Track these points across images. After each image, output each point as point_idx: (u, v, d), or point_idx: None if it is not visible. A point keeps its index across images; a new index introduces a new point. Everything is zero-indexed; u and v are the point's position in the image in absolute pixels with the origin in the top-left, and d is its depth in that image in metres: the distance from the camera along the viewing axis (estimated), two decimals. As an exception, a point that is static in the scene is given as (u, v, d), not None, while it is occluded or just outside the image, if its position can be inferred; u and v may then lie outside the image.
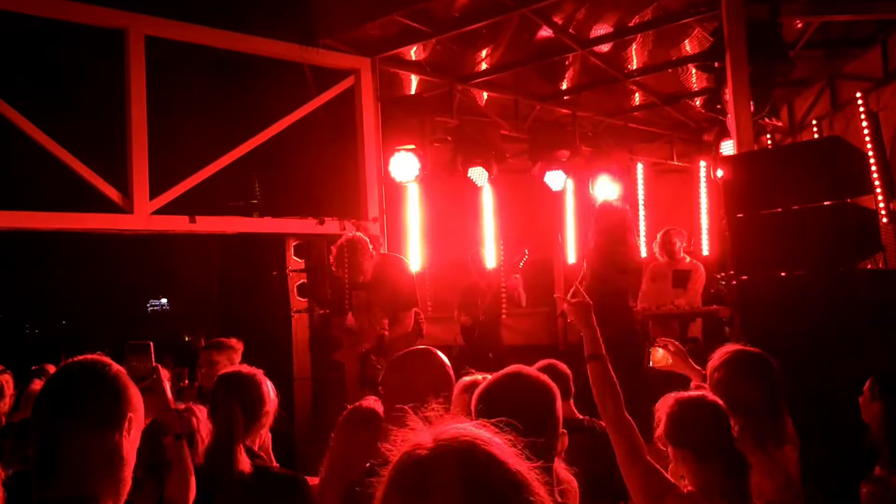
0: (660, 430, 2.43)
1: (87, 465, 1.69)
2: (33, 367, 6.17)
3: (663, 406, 2.44)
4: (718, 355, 2.91)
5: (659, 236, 7.85)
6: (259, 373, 2.91)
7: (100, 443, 1.73)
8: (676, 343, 3.50)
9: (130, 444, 1.79)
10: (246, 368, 2.93)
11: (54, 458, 1.69)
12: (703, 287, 7.57)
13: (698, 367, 3.28)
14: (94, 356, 1.88)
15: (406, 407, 1.22)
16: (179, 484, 2.27)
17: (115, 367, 1.86)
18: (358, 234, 5.61)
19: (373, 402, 3.23)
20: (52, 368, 6.23)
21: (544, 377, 2.10)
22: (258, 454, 2.87)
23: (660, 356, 3.49)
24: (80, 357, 1.87)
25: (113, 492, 1.74)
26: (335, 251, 5.41)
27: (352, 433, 3.03)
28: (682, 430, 2.36)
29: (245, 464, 2.70)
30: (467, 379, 2.62)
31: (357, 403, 3.25)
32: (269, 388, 2.89)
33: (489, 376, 2.52)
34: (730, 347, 2.92)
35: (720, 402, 2.42)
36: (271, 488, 2.78)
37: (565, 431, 2.10)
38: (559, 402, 2.08)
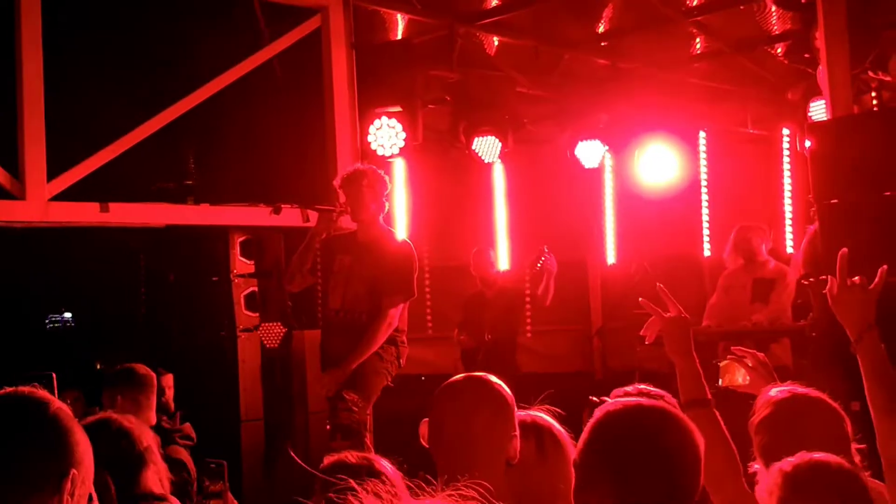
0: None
1: None
2: None
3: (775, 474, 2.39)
4: (763, 402, 2.85)
5: (732, 235, 7.89)
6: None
7: None
8: (758, 354, 3.39)
9: None
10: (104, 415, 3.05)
11: None
12: (792, 299, 7.59)
13: None
14: (27, 390, 1.87)
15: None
16: None
17: (55, 405, 1.85)
18: (372, 167, 5.82)
19: (358, 456, 3.29)
20: None
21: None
22: (158, 496, 3.00)
23: (732, 373, 3.40)
24: (8, 390, 1.86)
25: None
26: (339, 182, 5.70)
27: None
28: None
29: None
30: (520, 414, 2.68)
31: (338, 456, 3.30)
32: (141, 432, 3.04)
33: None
34: (780, 395, 2.85)
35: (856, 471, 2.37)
36: None
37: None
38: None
